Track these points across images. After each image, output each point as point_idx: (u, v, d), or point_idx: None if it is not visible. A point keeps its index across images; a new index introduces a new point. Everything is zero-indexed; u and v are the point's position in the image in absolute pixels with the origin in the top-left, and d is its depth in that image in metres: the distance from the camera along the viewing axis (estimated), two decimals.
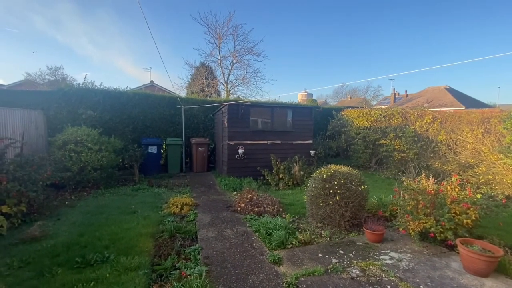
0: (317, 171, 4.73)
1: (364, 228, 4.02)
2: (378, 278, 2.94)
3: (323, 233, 4.14)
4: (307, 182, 5.15)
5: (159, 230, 4.27)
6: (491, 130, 7.05)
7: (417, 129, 9.03)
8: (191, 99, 11.21)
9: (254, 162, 8.12)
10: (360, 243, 3.85)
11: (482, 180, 6.69)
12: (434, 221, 3.56)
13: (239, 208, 5.29)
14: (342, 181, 4.27)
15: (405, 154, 9.01)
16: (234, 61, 20.14)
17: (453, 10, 61.47)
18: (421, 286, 2.80)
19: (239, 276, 2.98)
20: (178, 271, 3.01)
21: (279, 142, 8.50)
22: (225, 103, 8.57)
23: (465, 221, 3.44)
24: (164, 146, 9.92)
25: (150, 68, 27.90)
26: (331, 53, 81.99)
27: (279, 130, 8.54)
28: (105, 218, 4.74)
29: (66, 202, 5.77)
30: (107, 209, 5.27)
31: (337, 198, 4.19)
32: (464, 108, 20.45)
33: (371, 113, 10.62)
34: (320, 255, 3.48)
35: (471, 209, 3.48)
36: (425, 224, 3.58)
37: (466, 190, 3.79)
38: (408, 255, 3.51)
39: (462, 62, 6.46)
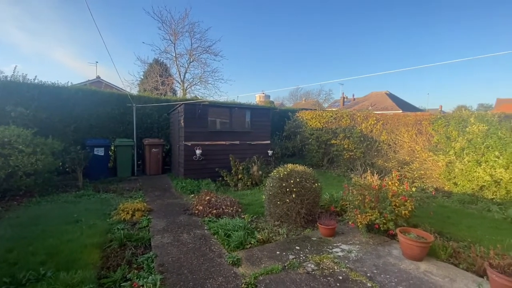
0: (275, 171, 4.84)
1: (318, 223, 4.24)
2: (331, 270, 3.12)
3: (280, 231, 4.25)
4: (265, 181, 5.24)
5: (107, 239, 3.91)
6: (423, 131, 8.08)
7: (363, 130, 9.89)
8: (143, 97, 10.56)
9: (212, 163, 7.98)
10: (315, 238, 4.05)
11: (416, 175, 7.61)
12: (378, 214, 3.92)
13: (196, 211, 5.13)
14: (298, 180, 4.44)
15: (353, 153, 9.80)
16: (191, 59, 19.54)
17: (393, 20, 69.03)
18: (368, 274, 3.05)
19: (197, 281, 2.89)
20: (129, 282, 2.79)
21: (237, 142, 8.49)
22: (182, 102, 8.26)
23: (403, 212, 3.86)
24: (112, 148, 9.15)
25: (97, 62, 25.18)
26: (288, 56, 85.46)
27: (238, 130, 8.54)
28: (41, 230, 4.16)
29: None
30: (44, 219, 4.64)
31: (293, 196, 4.35)
32: (401, 111, 23.02)
33: (323, 115, 11.30)
34: (278, 252, 3.57)
35: (408, 201, 3.92)
36: (370, 217, 3.92)
37: (404, 184, 4.25)
38: (357, 246, 3.81)
39: (395, 71, 7.33)
